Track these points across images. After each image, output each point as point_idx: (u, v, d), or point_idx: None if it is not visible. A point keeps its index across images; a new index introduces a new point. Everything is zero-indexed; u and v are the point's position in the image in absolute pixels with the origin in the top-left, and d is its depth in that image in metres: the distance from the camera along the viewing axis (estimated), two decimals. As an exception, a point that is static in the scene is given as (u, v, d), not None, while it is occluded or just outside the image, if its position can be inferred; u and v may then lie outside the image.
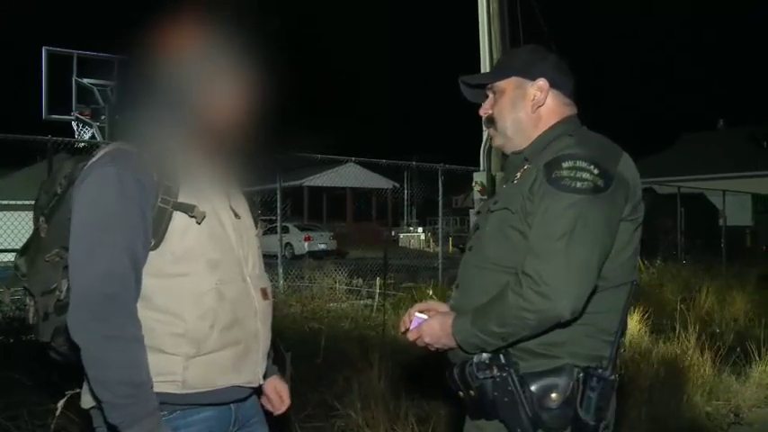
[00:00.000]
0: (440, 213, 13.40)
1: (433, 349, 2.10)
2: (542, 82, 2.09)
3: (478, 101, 2.26)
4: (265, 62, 1.91)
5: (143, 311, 1.80)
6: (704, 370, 5.94)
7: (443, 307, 2.15)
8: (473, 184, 10.48)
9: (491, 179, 10.32)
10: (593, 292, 1.85)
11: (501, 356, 1.92)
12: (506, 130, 2.14)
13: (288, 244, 22.44)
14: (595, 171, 1.85)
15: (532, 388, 1.88)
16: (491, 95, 2.19)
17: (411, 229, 35.61)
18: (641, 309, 7.62)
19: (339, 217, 34.71)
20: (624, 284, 1.97)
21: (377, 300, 9.76)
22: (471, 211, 10.61)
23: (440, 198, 13.01)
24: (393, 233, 34.38)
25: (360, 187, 32.90)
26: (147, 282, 1.82)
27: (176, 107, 1.89)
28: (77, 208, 1.79)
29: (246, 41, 1.90)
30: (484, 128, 10.85)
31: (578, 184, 1.83)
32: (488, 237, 2.05)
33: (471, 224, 11.72)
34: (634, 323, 7.23)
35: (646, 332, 7.18)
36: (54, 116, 10.24)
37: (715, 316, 9.08)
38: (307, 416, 4.66)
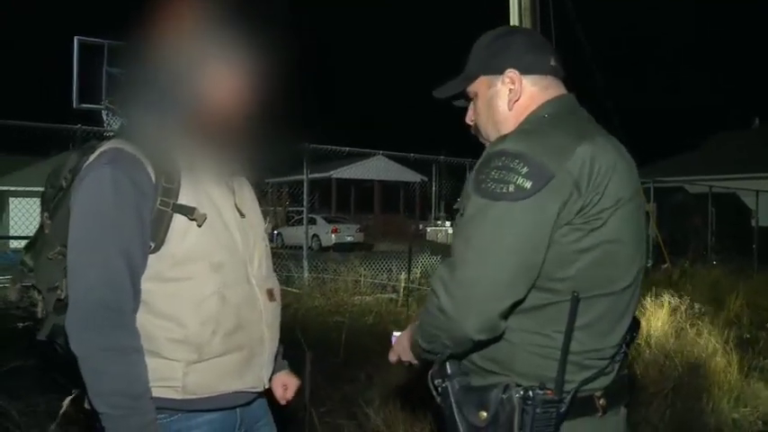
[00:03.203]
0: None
1: (415, 364, 1.95)
2: (512, 73, 1.84)
3: (466, 104, 2.02)
4: (272, 52, 1.85)
5: (143, 316, 1.77)
6: (731, 375, 5.83)
7: None
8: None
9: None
10: (539, 306, 1.66)
11: (447, 366, 1.76)
12: (490, 136, 1.90)
13: (315, 236, 22.49)
14: (524, 170, 1.59)
15: (468, 403, 1.71)
16: (471, 103, 1.97)
17: (438, 222, 35.47)
18: (667, 309, 7.51)
19: (367, 209, 34.71)
20: (573, 298, 1.66)
21: (402, 294, 9.74)
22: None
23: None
24: (420, 227, 34.27)
25: (388, 180, 32.85)
26: (147, 286, 1.78)
27: (177, 101, 1.83)
28: (74, 211, 1.75)
29: (253, 31, 1.84)
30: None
31: (499, 189, 1.60)
32: (452, 239, 1.88)
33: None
34: (660, 324, 7.13)
35: (671, 334, 7.08)
36: (84, 105, 10.30)
37: (744, 320, 8.93)
38: (327, 411, 4.66)
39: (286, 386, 2.19)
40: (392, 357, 2.03)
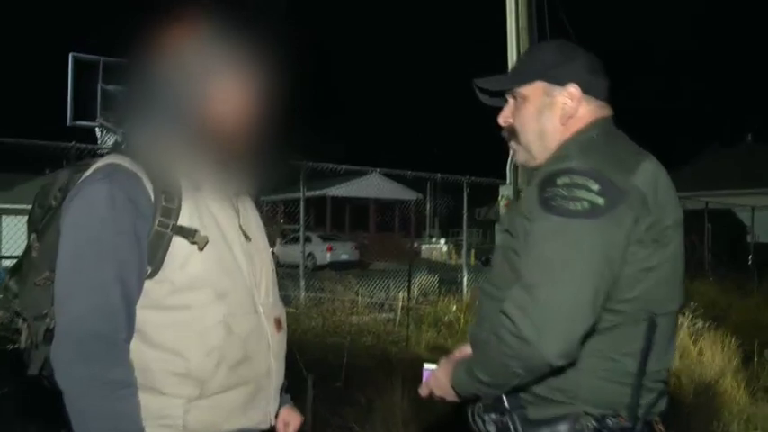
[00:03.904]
0: (464, 226, 13.24)
1: (450, 400, 1.84)
2: (573, 88, 1.78)
3: (497, 105, 1.94)
4: (276, 68, 1.75)
5: (139, 347, 1.62)
6: (739, 396, 5.72)
7: (466, 349, 1.94)
8: (499, 197, 10.35)
9: (517, 193, 10.19)
10: (606, 329, 1.60)
11: (504, 399, 1.69)
12: (530, 144, 1.84)
13: (310, 254, 22.33)
14: (595, 187, 1.55)
15: None
16: (511, 101, 1.88)
17: (433, 240, 35.49)
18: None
19: (362, 227, 34.60)
20: (649, 318, 1.64)
21: (399, 314, 9.61)
22: (497, 225, 10.48)
23: (464, 211, 12.88)
24: (415, 245, 34.31)
25: (383, 198, 32.77)
26: (144, 314, 1.63)
27: (178, 115, 1.71)
28: (64, 231, 1.61)
29: (256, 46, 1.74)
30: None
31: (572, 205, 1.55)
32: (495, 262, 1.85)
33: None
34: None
35: (676, 353, 6.95)
36: (79, 122, 10.20)
37: (746, 338, 8.81)
38: (327, 438, 4.52)
39: (287, 423, 2.01)
40: (423, 392, 1.92)
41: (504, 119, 1.90)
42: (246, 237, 1.83)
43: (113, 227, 1.58)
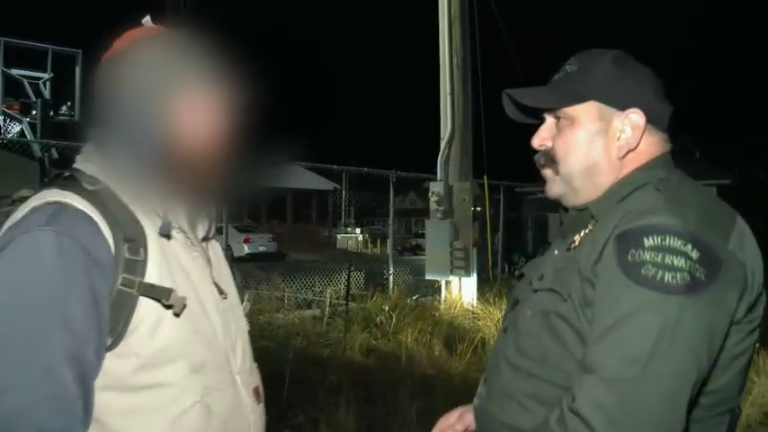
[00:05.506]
0: (390, 221, 12.99)
1: None
2: (637, 115, 1.42)
3: (526, 120, 1.58)
4: (249, 80, 1.45)
5: None
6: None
7: (467, 417, 1.66)
8: (429, 194, 10.18)
9: (448, 189, 10.03)
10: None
11: None
12: (573, 178, 1.48)
13: (228, 246, 21.73)
14: (694, 255, 1.22)
15: None
16: (551, 120, 1.52)
17: (348, 230, 35.48)
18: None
19: (278, 217, 34.08)
20: (725, 412, 1.36)
21: (327, 312, 9.27)
22: (428, 221, 10.29)
23: (391, 205, 12.62)
24: (329, 234, 34.31)
25: (300, 188, 32.38)
26: (103, 398, 1.24)
27: (143, 136, 1.33)
28: None
29: (229, 56, 1.42)
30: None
31: (667, 277, 1.21)
32: (527, 326, 1.46)
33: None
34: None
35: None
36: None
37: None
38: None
39: None
40: None
41: (540, 140, 1.54)
42: (221, 291, 1.47)
43: (64, 288, 1.18)
